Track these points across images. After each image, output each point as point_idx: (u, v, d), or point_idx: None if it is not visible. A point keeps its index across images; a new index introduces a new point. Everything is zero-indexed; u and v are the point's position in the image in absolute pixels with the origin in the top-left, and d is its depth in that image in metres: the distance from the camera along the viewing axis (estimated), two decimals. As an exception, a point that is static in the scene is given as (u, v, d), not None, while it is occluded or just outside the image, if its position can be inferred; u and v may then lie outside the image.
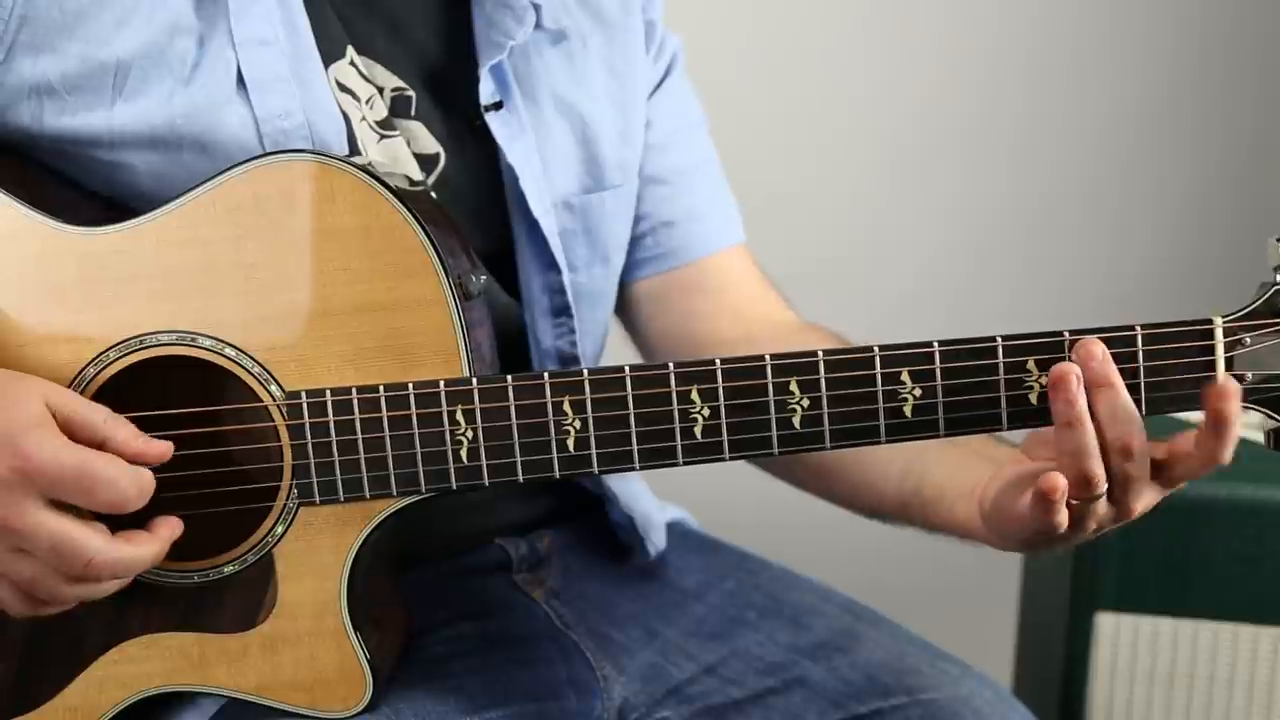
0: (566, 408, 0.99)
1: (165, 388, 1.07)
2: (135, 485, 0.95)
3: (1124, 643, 1.63)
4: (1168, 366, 0.98)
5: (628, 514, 1.33)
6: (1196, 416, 1.79)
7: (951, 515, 1.14)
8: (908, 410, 0.98)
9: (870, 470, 1.23)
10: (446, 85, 1.22)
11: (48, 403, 0.95)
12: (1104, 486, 0.98)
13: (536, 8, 1.22)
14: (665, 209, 1.36)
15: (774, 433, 0.99)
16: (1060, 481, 0.95)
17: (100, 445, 0.96)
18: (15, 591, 0.97)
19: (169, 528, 1.00)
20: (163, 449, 0.98)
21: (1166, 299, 2.48)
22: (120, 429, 0.97)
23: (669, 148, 1.37)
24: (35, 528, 0.93)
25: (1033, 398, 0.98)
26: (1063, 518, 0.97)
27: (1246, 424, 1.72)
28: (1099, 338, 0.97)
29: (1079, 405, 0.95)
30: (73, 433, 0.95)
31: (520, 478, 1.00)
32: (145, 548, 0.98)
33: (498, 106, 1.21)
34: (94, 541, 0.94)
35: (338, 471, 1.01)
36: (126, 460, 0.96)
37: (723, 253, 1.40)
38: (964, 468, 1.12)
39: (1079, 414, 0.95)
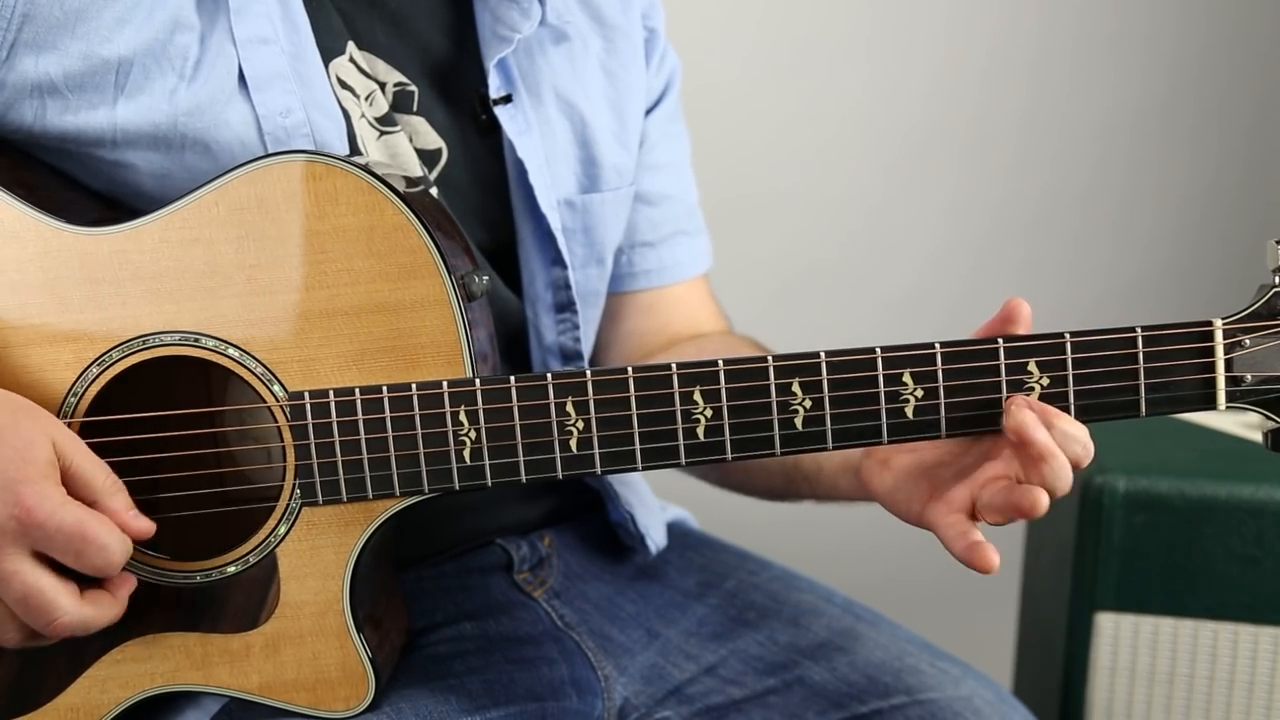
0: (569, 408, 0.99)
1: (168, 388, 1.07)
2: (123, 553, 0.95)
3: (1124, 643, 1.63)
4: (1168, 368, 0.98)
5: (628, 513, 1.33)
6: (1196, 417, 1.80)
7: (835, 488, 1.19)
8: (909, 411, 0.99)
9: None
10: (450, 80, 1.22)
11: (54, 445, 0.94)
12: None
13: (542, 2, 1.22)
14: (648, 229, 1.38)
15: (776, 433, 0.99)
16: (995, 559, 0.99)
17: (92, 504, 0.96)
18: None
19: (127, 587, 1.00)
20: (146, 528, 0.97)
21: (1166, 299, 2.49)
22: (116, 496, 0.97)
23: (660, 170, 1.38)
24: (10, 575, 0.92)
25: (1034, 398, 0.98)
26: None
27: (1246, 424, 1.73)
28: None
29: (1045, 441, 0.96)
30: (71, 484, 0.95)
31: (523, 478, 1.00)
32: (107, 610, 0.98)
33: (507, 100, 1.21)
34: (63, 601, 0.94)
35: (341, 472, 1.01)
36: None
37: (686, 282, 1.42)
38: None
39: (1050, 449, 0.96)
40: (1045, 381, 0.98)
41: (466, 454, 1.00)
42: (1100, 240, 2.54)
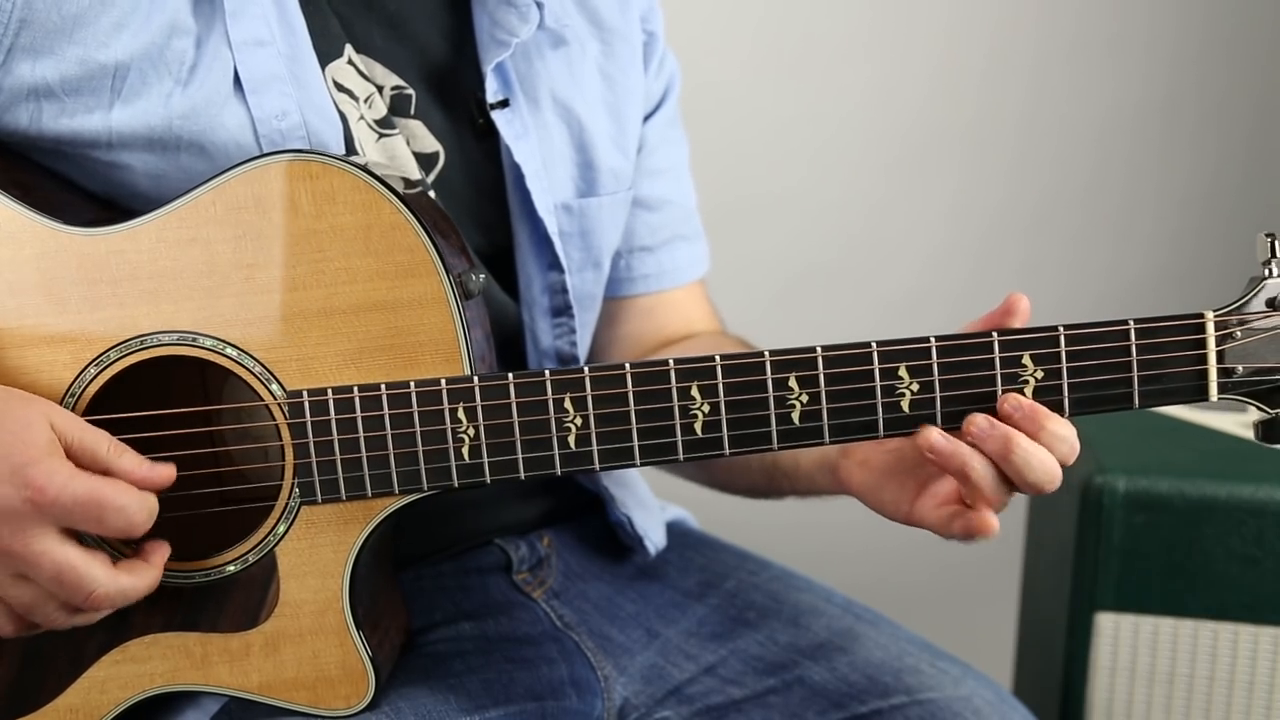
0: (568, 405, 0.99)
1: (166, 388, 1.07)
2: (144, 511, 0.95)
3: (1124, 643, 1.63)
4: (1160, 360, 0.99)
5: (625, 515, 1.33)
6: (1196, 417, 1.80)
7: (814, 484, 1.21)
8: (905, 405, 0.99)
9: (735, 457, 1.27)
10: (447, 84, 1.22)
11: (53, 426, 0.95)
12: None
13: (540, 6, 1.22)
14: (646, 234, 1.38)
15: (773, 428, 1.00)
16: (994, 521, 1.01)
17: (104, 472, 0.96)
18: (10, 614, 0.97)
19: (161, 553, 1.01)
20: (167, 473, 0.98)
21: (1166, 300, 2.48)
22: (124, 456, 0.97)
23: (659, 175, 1.38)
24: (39, 556, 0.93)
25: (1029, 391, 0.99)
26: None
27: (1245, 424, 1.73)
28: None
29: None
30: (76, 459, 0.95)
31: (522, 475, 1.01)
32: (144, 577, 0.98)
33: (504, 104, 1.21)
34: (96, 572, 0.94)
35: (339, 470, 1.01)
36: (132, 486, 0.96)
37: (684, 287, 1.42)
38: None
39: (963, 462, 0.98)
40: (1039, 375, 0.98)
41: (465, 451, 1.00)
42: (1100, 241, 2.54)
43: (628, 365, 0.99)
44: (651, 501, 1.41)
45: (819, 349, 0.98)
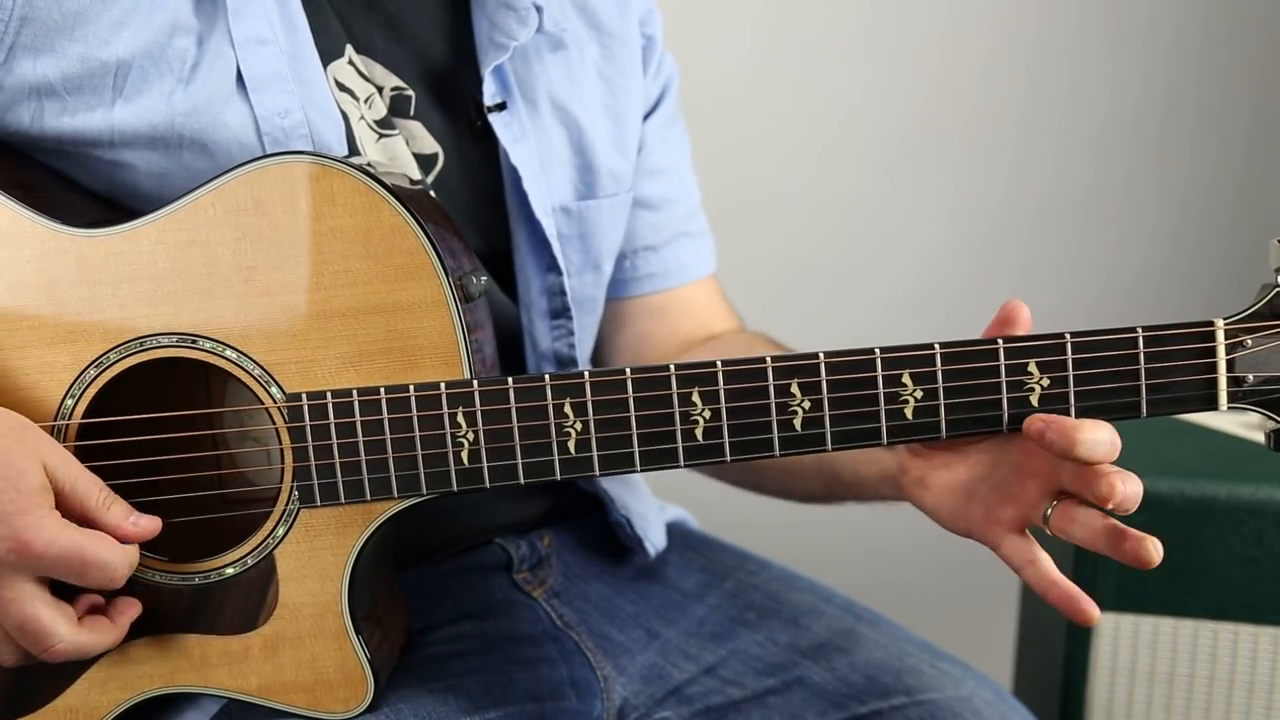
0: (567, 409, 0.99)
1: (166, 390, 1.07)
2: (126, 565, 0.96)
3: (1124, 643, 1.63)
4: (1169, 369, 0.98)
5: (624, 517, 1.33)
6: (1197, 417, 1.79)
7: (879, 494, 1.19)
8: (909, 412, 0.98)
9: (791, 464, 1.28)
10: (446, 85, 1.22)
11: (46, 468, 0.94)
12: None
13: (539, 10, 1.22)
14: (649, 234, 1.38)
15: (775, 434, 0.99)
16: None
17: (89, 521, 0.96)
18: None
19: (129, 614, 1.01)
20: (152, 527, 0.98)
21: (1167, 299, 2.48)
22: (112, 510, 0.97)
23: (659, 174, 1.38)
24: (9, 603, 0.93)
25: (1034, 399, 0.98)
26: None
27: (1247, 424, 1.73)
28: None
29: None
30: (65, 504, 0.95)
31: (521, 479, 1.00)
32: (105, 635, 0.99)
33: (501, 107, 1.21)
34: (60, 629, 0.95)
35: (339, 473, 1.01)
36: (117, 540, 0.96)
37: (694, 284, 1.42)
38: (866, 454, 1.16)
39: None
40: (1045, 382, 0.98)
41: (465, 455, 1.00)
42: (1101, 240, 2.54)
43: (628, 370, 0.99)
44: (651, 502, 1.41)
45: (821, 355, 0.98)
